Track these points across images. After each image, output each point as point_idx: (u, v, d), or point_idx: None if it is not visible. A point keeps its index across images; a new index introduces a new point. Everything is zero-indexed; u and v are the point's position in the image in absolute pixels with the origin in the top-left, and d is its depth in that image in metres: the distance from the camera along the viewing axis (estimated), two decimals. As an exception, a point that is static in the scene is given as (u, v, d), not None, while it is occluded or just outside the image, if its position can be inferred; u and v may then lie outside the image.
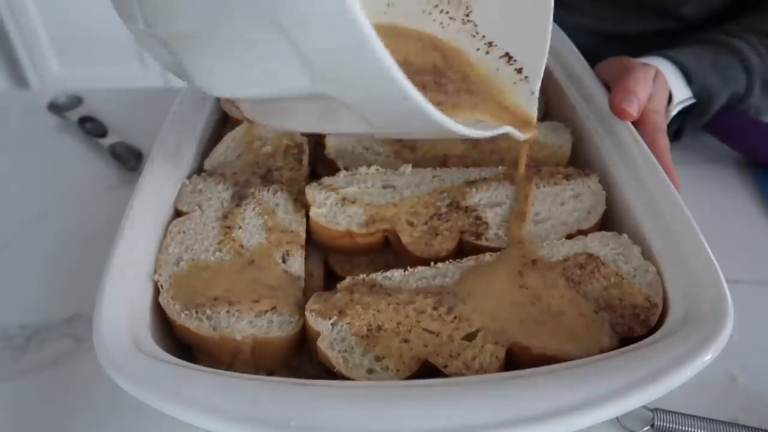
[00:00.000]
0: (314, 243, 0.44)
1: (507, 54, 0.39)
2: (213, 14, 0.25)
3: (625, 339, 0.35)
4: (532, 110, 0.37)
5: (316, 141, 0.52)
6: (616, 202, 0.44)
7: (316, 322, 0.36)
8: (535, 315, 0.36)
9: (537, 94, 0.38)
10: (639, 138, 0.45)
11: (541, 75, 0.38)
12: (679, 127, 0.60)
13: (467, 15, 0.41)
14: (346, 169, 0.47)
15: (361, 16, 0.21)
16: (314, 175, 0.49)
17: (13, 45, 1.88)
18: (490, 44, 0.40)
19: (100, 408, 0.41)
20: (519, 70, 0.39)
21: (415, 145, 0.50)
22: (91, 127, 0.68)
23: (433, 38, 0.40)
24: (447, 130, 0.27)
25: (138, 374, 0.30)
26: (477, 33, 0.40)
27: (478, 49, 0.40)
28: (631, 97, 0.47)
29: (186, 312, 0.37)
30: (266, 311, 0.37)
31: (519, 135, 0.35)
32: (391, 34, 0.39)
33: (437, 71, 0.38)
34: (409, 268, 0.39)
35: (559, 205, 0.44)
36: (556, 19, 0.63)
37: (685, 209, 0.39)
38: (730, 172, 0.61)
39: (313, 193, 0.44)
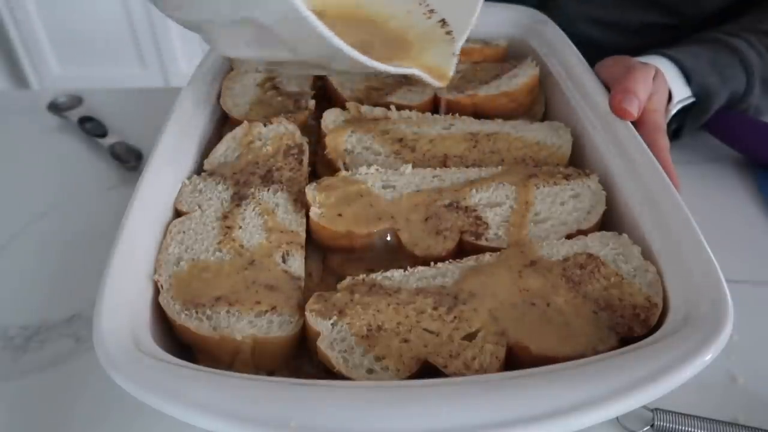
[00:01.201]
0: (314, 243, 0.44)
1: (443, 20, 0.49)
2: None
3: (625, 339, 0.35)
4: (449, 66, 0.45)
5: (316, 141, 0.52)
6: (616, 202, 0.44)
7: (316, 322, 0.36)
8: (535, 315, 0.36)
9: (457, 53, 0.46)
10: (639, 138, 0.45)
11: (464, 38, 0.47)
12: (679, 126, 0.60)
13: None
14: (346, 169, 0.47)
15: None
16: (314, 175, 0.49)
17: (13, 45, 1.88)
18: (431, 11, 0.50)
19: (99, 408, 0.41)
20: (449, 33, 0.48)
21: (415, 145, 0.50)
22: (91, 127, 0.68)
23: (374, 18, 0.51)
24: (363, 65, 0.36)
25: (138, 374, 0.30)
26: (423, 1, 0.51)
27: (424, 14, 0.50)
28: (631, 96, 0.47)
29: (186, 312, 0.37)
30: (266, 311, 0.37)
31: (429, 80, 0.43)
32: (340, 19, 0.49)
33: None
34: (409, 268, 0.39)
35: (558, 205, 0.44)
36: (556, 7, 0.63)
37: (685, 209, 0.38)
38: (730, 172, 0.61)
39: (313, 193, 0.44)
